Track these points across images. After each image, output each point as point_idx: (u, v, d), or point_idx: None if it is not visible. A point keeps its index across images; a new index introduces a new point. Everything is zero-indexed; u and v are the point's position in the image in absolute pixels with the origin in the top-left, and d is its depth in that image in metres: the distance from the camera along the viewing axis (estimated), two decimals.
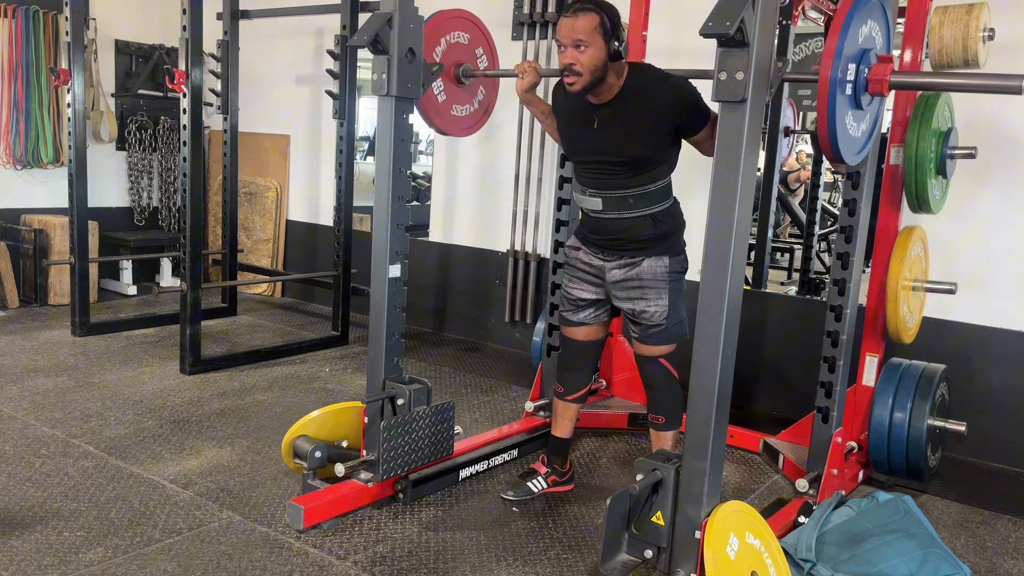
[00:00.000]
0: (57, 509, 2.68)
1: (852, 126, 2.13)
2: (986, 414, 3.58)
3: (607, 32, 2.58)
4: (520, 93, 2.93)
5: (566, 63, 2.60)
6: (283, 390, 4.06)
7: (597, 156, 2.76)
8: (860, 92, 2.09)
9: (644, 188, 2.71)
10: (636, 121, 2.65)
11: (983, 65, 2.97)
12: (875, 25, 2.14)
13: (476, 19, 3.14)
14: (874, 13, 2.13)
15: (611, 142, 2.70)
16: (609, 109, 2.69)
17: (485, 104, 3.27)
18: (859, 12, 2.04)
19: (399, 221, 2.79)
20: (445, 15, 3.02)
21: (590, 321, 2.95)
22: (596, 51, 2.58)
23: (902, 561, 2.43)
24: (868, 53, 2.10)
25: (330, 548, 2.54)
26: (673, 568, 2.29)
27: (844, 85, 2.03)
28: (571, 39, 2.58)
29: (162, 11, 6.14)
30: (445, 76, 3.03)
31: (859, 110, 2.13)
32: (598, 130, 2.72)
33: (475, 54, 3.14)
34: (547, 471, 3.03)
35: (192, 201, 4.14)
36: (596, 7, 2.60)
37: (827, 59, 1.98)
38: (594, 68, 2.59)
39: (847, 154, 2.13)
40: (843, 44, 1.98)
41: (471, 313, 5.29)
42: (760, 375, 4.17)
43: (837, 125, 2.03)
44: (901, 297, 2.98)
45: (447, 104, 3.08)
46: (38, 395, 3.76)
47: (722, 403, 2.20)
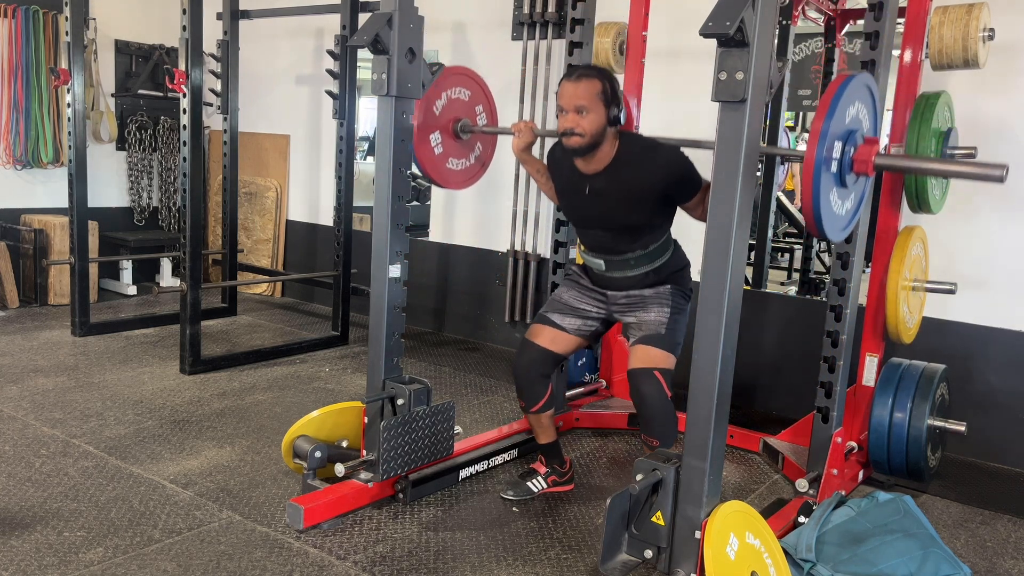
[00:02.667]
0: (57, 509, 2.68)
1: (837, 204, 2.17)
2: (986, 414, 3.58)
3: (607, 99, 2.61)
4: (516, 152, 2.97)
5: (567, 127, 2.62)
6: (283, 390, 4.06)
7: (591, 223, 2.82)
8: (845, 172, 2.14)
9: (643, 249, 2.77)
10: (627, 192, 2.68)
11: (983, 65, 2.98)
12: (862, 107, 2.19)
13: (477, 77, 3.20)
14: (861, 95, 2.18)
15: (604, 212, 2.75)
16: (600, 180, 2.72)
17: (482, 159, 3.31)
18: (846, 94, 2.09)
19: (399, 221, 2.79)
20: (448, 71, 3.07)
21: (569, 329, 2.91)
22: (597, 116, 2.60)
23: (902, 561, 2.43)
24: (854, 134, 2.15)
25: (330, 548, 2.54)
26: (673, 568, 2.28)
27: (829, 164, 2.07)
28: (573, 104, 2.60)
29: (162, 11, 6.15)
30: (443, 131, 3.08)
31: (844, 188, 2.18)
32: (589, 200, 2.76)
33: (475, 111, 3.19)
34: (547, 471, 3.03)
35: (192, 201, 4.14)
36: (598, 74, 2.63)
37: (813, 140, 2.02)
38: (595, 132, 2.62)
39: (831, 232, 2.17)
40: (829, 126, 2.03)
41: (471, 313, 5.29)
42: (760, 375, 4.17)
43: (822, 204, 2.06)
44: (901, 297, 2.98)
45: (443, 157, 3.12)
46: (38, 395, 3.76)
47: (722, 403, 2.20)
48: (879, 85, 2.84)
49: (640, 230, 2.74)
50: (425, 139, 2.98)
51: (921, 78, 3.02)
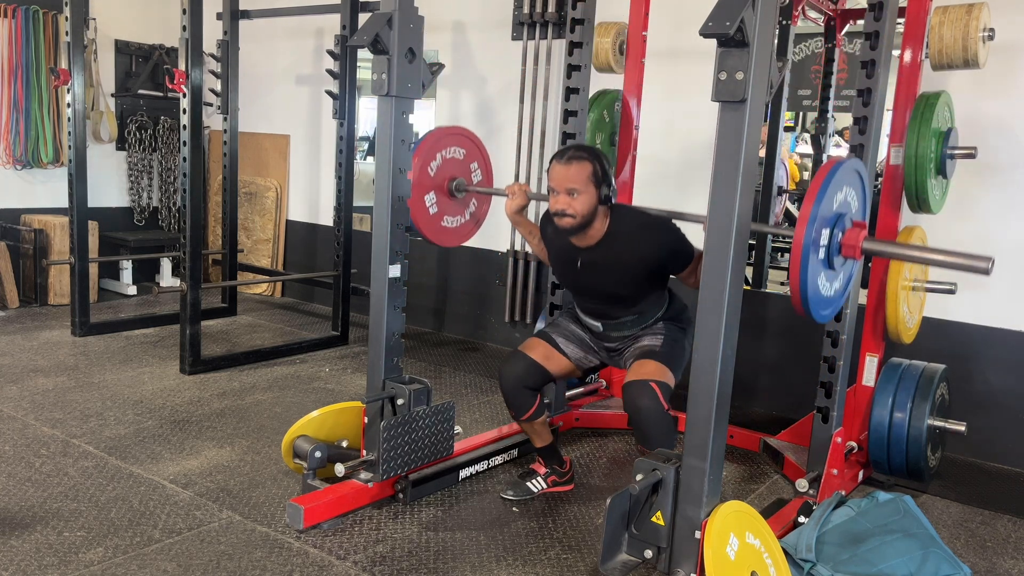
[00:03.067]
0: (57, 509, 2.68)
1: (824, 286, 2.20)
2: (986, 414, 3.58)
3: (598, 180, 2.62)
4: (509, 214, 3.01)
5: (559, 208, 2.63)
6: (283, 390, 4.06)
7: (586, 293, 2.85)
8: (833, 255, 2.17)
9: (639, 312, 2.80)
10: (619, 265, 2.70)
11: (983, 65, 2.97)
12: (851, 191, 2.22)
13: (472, 135, 3.25)
14: (851, 179, 2.21)
15: (596, 284, 2.77)
16: (593, 253, 2.74)
17: (477, 216, 3.36)
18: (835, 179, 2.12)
19: (399, 221, 2.79)
20: (443, 132, 3.13)
21: (570, 355, 2.93)
22: (588, 198, 2.62)
23: (902, 561, 2.43)
24: (843, 217, 2.18)
25: (330, 548, 2.54)
26: (673, 568, 2.28)
27: (818, 249, 2.10)
28: (564, 187, 2.62)
29: (162, 11, 6.15)
30: (438, 190, 3.15)
31: (832, 271, 2.20)
32: (582, 272, 2.78)
33: (469, 168, 3.24)
34: (547, 471, 3.03)
35: (192, 201, 4.14)
36: (589, 155, 2.64)
37: (801, 224, 2.05)
38: (585, 213, 2.64)
39: (817, 313, 2.19)
40: (818, 210, 2.05)
41: (471, 313, 5.29)
42: (760, 375, 4.17)
43: (809, 287, 2.09)
44: (901, 297, 2.98)
45: (438, 216, 3.18)
46: (38, 395, 3.76)
47: (722, 403, 2.20)
48: (879, 85, 2.84)
49: (634, 299, 2.78)
50: (420, 199, 3.04)
51: (921, 78, 3.02)
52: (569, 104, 3.46)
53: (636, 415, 2.58)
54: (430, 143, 3.05)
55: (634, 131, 3.67)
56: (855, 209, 2.26)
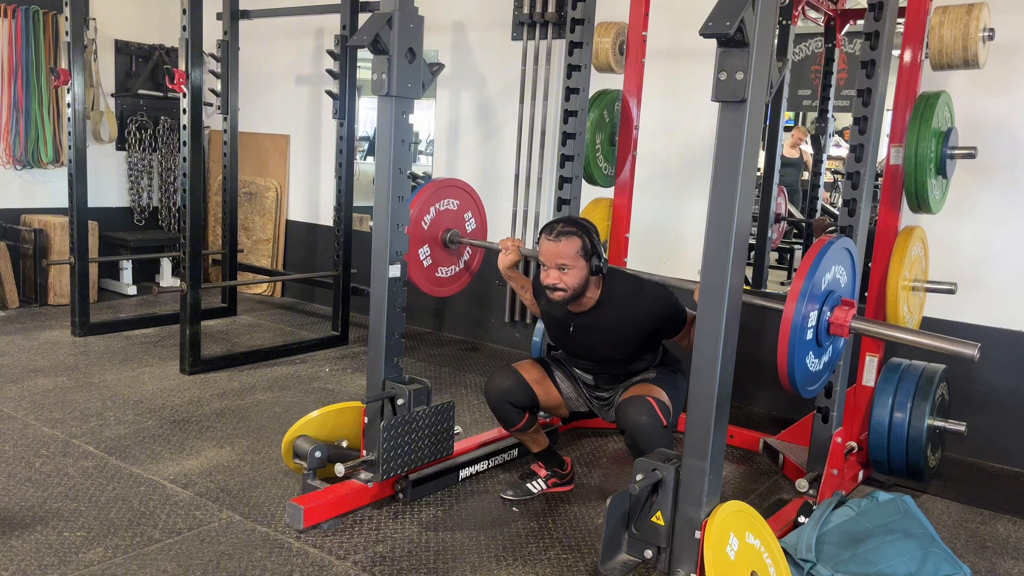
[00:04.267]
0: (57, 509, 2.68)
1: (812, 362, 2.23)
2: (986, 414, 3.58)
3: (588, 253, 2.64)
4: (502, 269, 3.04)
5: (550, 283, 2.65)
6: (283, 390, 4.05)
7: (578, 355, 2.88)
8: (822, 333, 2.21)
9: (632, 369, 2.83)
10: (611, 332, 2.72)
11: (983, 65, 2.97)
12: (840, 269, 2.26)
13: (467, 187, 3.32)
14: (841, 258, 2.25)
15: (589, 348, 2.80)
16: (585, 319, 2.76)
17: (470, 265, 3.43)
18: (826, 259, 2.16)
19: (399, 221, 2.79)
20: (438, 184, 3.20)
21: (563, 390, 2.94)
22: (578, 271, 2.64)
23: (902, 561, 2.43)
24: (832, 295, 2.21)
25: (330, 548, 2.54)
26: (673, 568, 2.28)
27: (806, 328, 2.13)
28: (554, 263, 2.63)
29: (162, 11, 6.15)
30: (432, 243, 3.21)
31: (819, 348, 2.24)
32: (574, 336, 2.79)
33: (463, 218, 3.32)
34: (547, 473, 3.03)
35: (192, 201, 4.14)
36: (578, 230, 2.64)
37: (791, 302, 2.08)
38: (576, 286, 2.65)
39: (804, 389, 2.23)
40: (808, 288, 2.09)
41: (471, 313, 5.29)
42: (760, 375, 4.17)
43: (796, 364, 2.13)
44: (901, 297, 2.98)
45: (432, 268, 3.24)
46: (38, 395, 3.75)
47: (722, 403, 2.20)
48: (879, 85, 2.84)
49: (627, 361, 2.81)
50: (414, 252, 3.08)
51: (921, 78, 3.02)
52: (569, 104, 3.46)
53: (633, 431, 2.52)
54: (425, 197, 3.12)
55: (634, 131, 3.67)
56: (844, 286, 2.30)
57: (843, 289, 2.29)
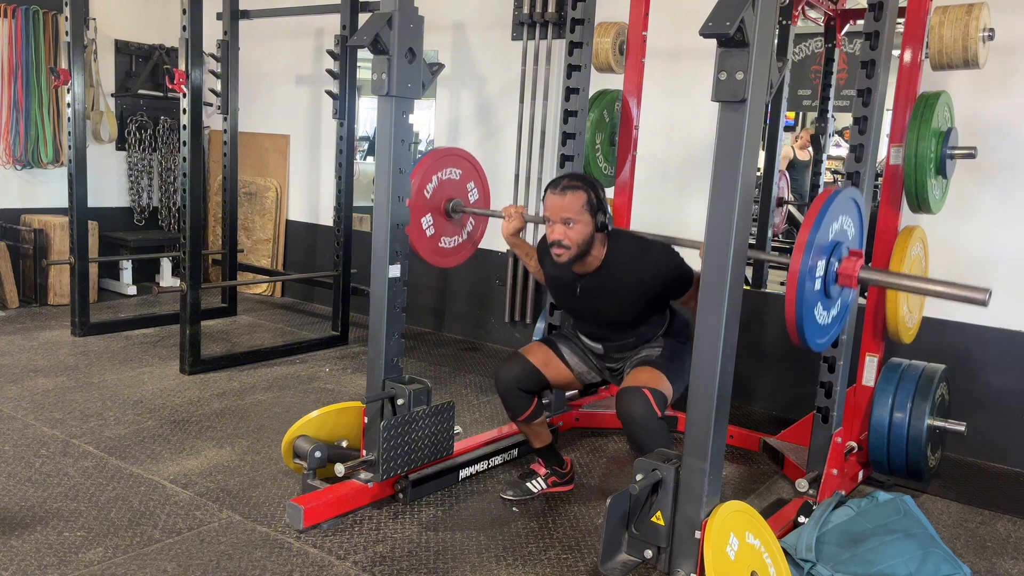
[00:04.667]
0: (57, 509, 2.68)
1: (821, 315, 2.20)
2: (986, 414, 3.58)
3: (593, 208, 2.62)
4: (505, 236, 3.01)
5: (555, 239, 2.63)
6: (283, 390, 4.05)
7: (585, 319, 2.85)
8: (830, 284, 2.17)
9: (640, 333, 2.80)
10: (618, 292, 2.70)
11: (983, 65, 2.97)
12: (847, 220, 2.22)
13: (469, 156, 3.25)
14: (847, 208, 2.21)
15: (596, 311, 2.77)
16: (591, 280, 2.74)
17: (473, 236, 3.37)
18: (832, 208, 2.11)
19: (399, 221, 2.79)
20: (440, 153, 3.12)
21: (572, 366, 2.93)
22: (583, 227, 2.61)
23: (902, 561, 2.43)
24: (840, 246, 2.17)
25: (330, 548, 2.54)
26: (673, 568, 2.28)
27: (814, 279, 2.09)
28: (559, 216, 2.61)
29: (162, 11, 6.15)
30: (435, 212, 3.14)
31: (828, 299, 2.20)
32: (581, 298, 2.77)
33: (466, 188, 3.25)
34: (547, 472, 3.03)
35: (192, 201, 4.14)
36: (583, 184, 2.63)
37: (797, 253, 2.05)
38: (581, 242, 2.63)
39: (813, 341, 2.19)
40: (814, 238, 2.05)
41: (471, 313, 5.29)
42: (760, 375, 4.17)
43: (805, 316, 2.09)
44: (901, 297, 2.98)
45: (435, 238, 3.18)
46: (38, 395, 3.75)
47: (722, 403, 2.20)
48: (879, 85, 2.84)
49: (634, 324, 2.78)
50: (417, 221, 3.04)
51: (921, 78, 3.02)
52: (569, 104, 3.46)
53: (628, 423, 2.54)
54: (427, 165, 3.07)
55: (634, 131, 3.67)
56: (852, 237, 2.26)
57: (851, 241, 2.25)
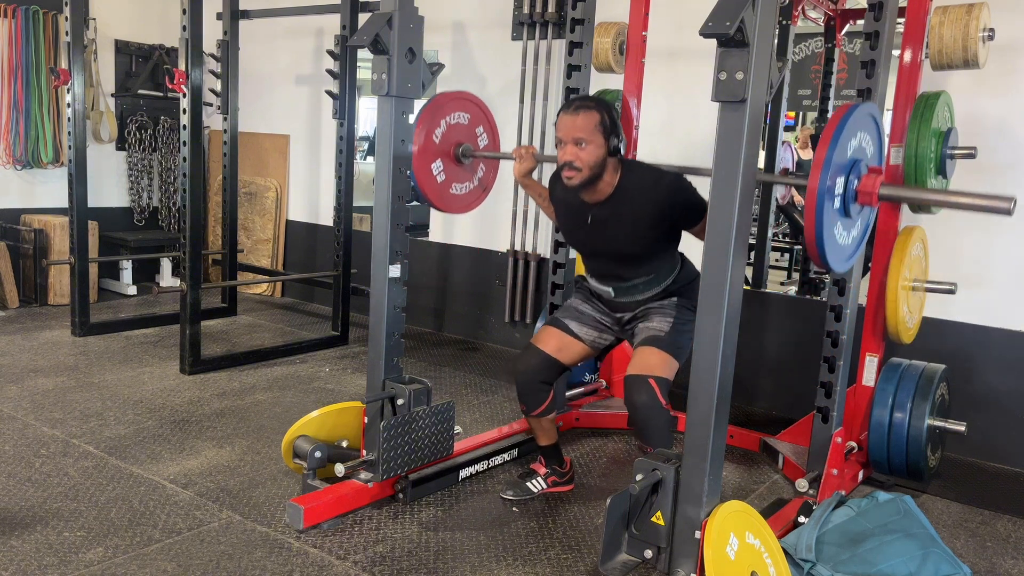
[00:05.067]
0: (57, 509, 2.68)
1: (841, 235, 2.15)
2: (986, 414, 3.58)
3: (606, 129, 2.59)
4: (517, 176, 2.98)
5: (566, 159, 2.59)
6: (283, 390, 4.06)
7: (595, 253, 2.81)
8: (849, 202, 2.12)
9: (650, 275, 2.76)
10: (630, 221, 2.66)
11: (983, 65, 2.98)
12: (866, 136, 2.17)
13: (477, 99, 3.19)
14: (865, 124, 2.16)
15: (607, 242, 2.73)
16: (603, 209, 2.70)
17: (484, 182, 3.31)
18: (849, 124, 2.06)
19: (399, 221, 2.80)
20: (446, 97, 3.06)
21: (584, 339, 2.90)
22: (596, 148, 2.58)
23: (902, 561, 2.43)
24: (859, 163, 2.12)
25: (330, 548, 2.54)
26: (673, 568, 2.28)
27: (832, 196, 2.05)
28: (571, 136, 2.58)
29: (162, 11, 6.15)
30: (445, 156, 3.08)
31: (848, 219, 2.16)
32: (593, 229, 2.74)
33: (475, 133, 3.18)
34: (547, 471, 3.03)
35: (192, 201, 4.14)
36: (596, 105, 2.61)
37: (816, 170, 2.00)
38: (593, 164, 2.59)
39: (835, 262, 2.16)
40: (832, 155, 2.00)
41: (471, 313, 5.29)
42: (760, 375, 4.17)
43: (825, 235, 2.05)
44: (901, 297, 2.98)
45: (446, 184, 3.12)
46: (38, 395, 3.76)
47: (722, 403, 2.20)
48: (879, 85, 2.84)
49: (645, 258, 2.73)
50: (427, 167, 2.99)
51: (921, 78, 3.02)
52: None
53: (634, 411, 2.62)
54: (434, 109, 2.98)
55: (634, 131, 3.67)
56: (871, 155, 2.20)
57: (870, 158, 2.20)
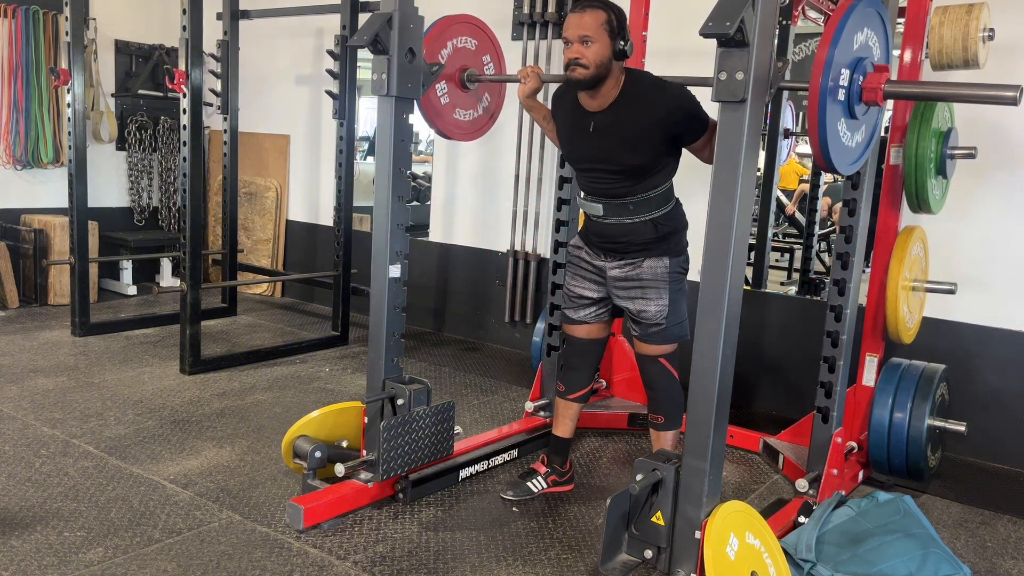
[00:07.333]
0: (57, 509, 2.68)
1: (846, 135, 2.11)
2: (986, 414, 3.58)
3: (613, 29, 2.60)
4: (522, 98, 2.97)
5: (572, 57, 2.61)
6: (283, 390, 4.06)
7: (595, 164, 2.77)
8: (854, 101, 2.07)
9: (643, 195, 2.72)
10: (632, 129, 2.65)
11: (983, 65, 2.98)
12: (871, 34, 2.12)
13: (484, 25, 3.15)
14: (871, 21, 2.10)
15: (608, 150, 2.70)
16: (605, 116, 2.70)
17: (491, 110, 3.28)
18: (853, 19, 2.01)
19: (399, 221, 2.79)
20: (452, 19, 3.03)
21: (590, 320, 2.95)
22: (601, 47, 2.59)
23: (902, 561, 2.43)
24: (863, 62, 2.07)
25: (330, 548, 2.54)
26: (673, 568, 2.29)
27: (836, 93, 2.00)
28: (577, 35, 2.60)
29: (162, 11, 6.15)
30: (449, 80, 3.04)
31: (853, 119, 2.11)
32: (594, 137, 2.72)
33: (482, 61, 3.15)
34: (547, 471, 3.03)
35: (192, 201, 4.14)
36: (603, 5, 2.63)
37: (818, 67, 1.96)
38: (599, 63, 2.60)
39: (840, 164, 2.10)
40: (834, 52, 1.96)
41: (471, 313, 5.29)
42: (760, 375, 4.17)
43: (829, 134, 2.00)
44: (901, 297, 2.98)
45: (450, 107, 3.08)
46: (38, 395, 3.76)
47: (722, 403, 2.20)
48: None
49: (642, 171, 2.69)
50: (431, 88, 2.94)
51: (921, 78, 3.02)
52: None
53: (647, 382, 2.89)
54: (440, 29, 2.95)
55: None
56: (877, 55, 2.15)
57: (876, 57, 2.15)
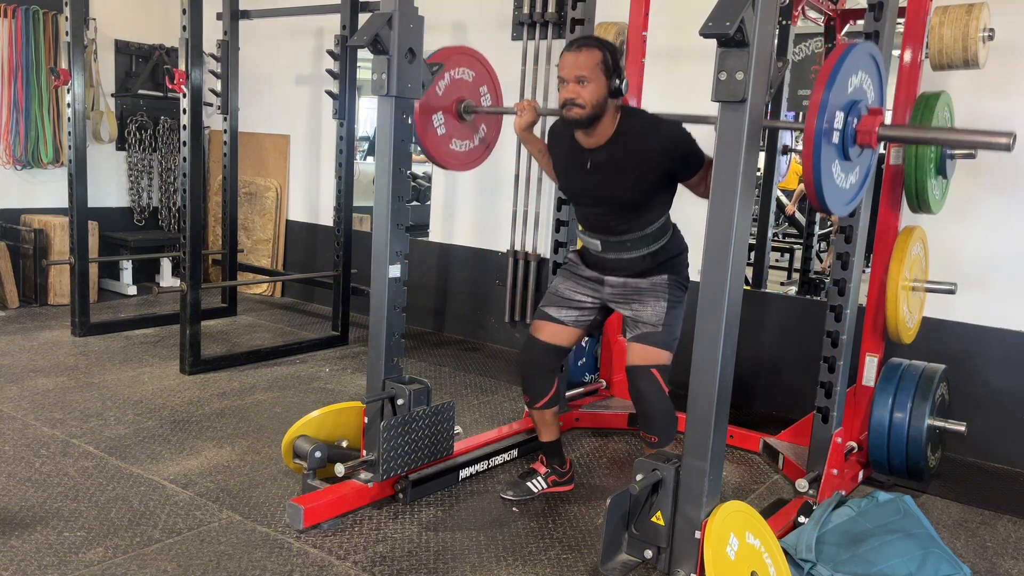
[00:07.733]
0: (57, 509, 2.68)
1: (840, 177, 2.12)
2: (986, 414, 3.58)
3: (608, 68, 2.60)
4: (518, 131, 2.97)
5: (568, 97, 2.60)
6: (283, 390, 4.06)
7: (592, 199, 2.79)
8: (848, 144, 2.08)
9: (640, 232, 2.74)
10: (628, 166, 2.65)
11: (983, 65, 2.98)
12: (866, 77, 2.14)
13: (482, 57, 3.18)
14: (865, 65, 2.12)
15: (604, 187, 2.72)
16: (601, 153, 2.70)
17: (487, 141, 3.29)
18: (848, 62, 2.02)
19: (399, 221, 2.79)
20: (451, 51, 3.05)
21: (567, 322, 2.90)
22: (597, 86, 2.59)
23: (902, 561, 2.43)
24: (858, 104, 2.09)
25: (330, 548, 2.54)
26: (673, 568, 2.29)
27: (831, 135, 2.02)
28: (574, 75, 2.58)
29: (162, 11, 6.15)
30: (446, 111, 3.07)
31: (847, 161, 2.12)
32: (591, 173, 2.73)
33: (479, 92, 3.17)
34: (547, 471, 3.03)
35: (192, 201, 4.14)
36: (598, 44, 2.62)
37: (813, 109, 1.97)
38: (595, 102, 2.60)
39: (834, 205, 2.12)
40: (829, 95, 1.97)
41: (471, 313, 5.29)
42: (760, 375, 4.17)
43: (823, 176, 2.01)
44: (901, 297, 2.99)
45: (446, 138, 3.10)
46: (38, 395, 3.76)
47: (722, 403, 2.20)
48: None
49: (639, 208, 2.70)
50: (427, 119, 2.96)
51: (921, 78, 3.02)
52: None
53: (638, 399, 2.73)
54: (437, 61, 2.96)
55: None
56: (871, 97, 2.17)
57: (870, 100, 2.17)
